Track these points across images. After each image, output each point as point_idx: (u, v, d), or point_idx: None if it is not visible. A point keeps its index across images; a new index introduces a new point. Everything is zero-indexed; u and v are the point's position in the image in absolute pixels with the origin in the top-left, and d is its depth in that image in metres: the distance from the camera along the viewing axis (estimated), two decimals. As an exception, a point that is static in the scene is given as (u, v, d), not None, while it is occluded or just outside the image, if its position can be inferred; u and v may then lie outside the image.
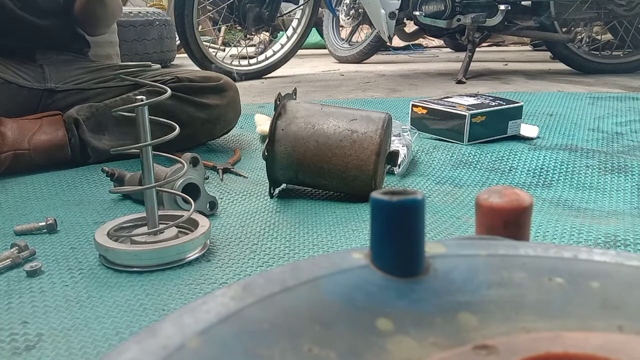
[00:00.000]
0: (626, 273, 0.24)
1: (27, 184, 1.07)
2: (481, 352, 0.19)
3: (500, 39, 4.38)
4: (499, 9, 2.36)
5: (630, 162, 1.11)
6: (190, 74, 1.27)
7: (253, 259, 0.74)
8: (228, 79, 1.30)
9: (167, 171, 0.88)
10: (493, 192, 0.30)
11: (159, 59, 2.91)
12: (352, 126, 0.92)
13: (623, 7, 2.40)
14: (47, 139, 1.14)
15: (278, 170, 0.95)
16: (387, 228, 0.22)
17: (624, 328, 0.21)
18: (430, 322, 0.21)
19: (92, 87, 1.26)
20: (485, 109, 1.32)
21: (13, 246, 0.73)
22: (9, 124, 1.13)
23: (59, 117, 1.19)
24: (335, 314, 0.20)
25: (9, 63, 1.21)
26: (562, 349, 0.20)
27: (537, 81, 2.40)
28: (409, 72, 2.88)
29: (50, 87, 1.24)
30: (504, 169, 1.13)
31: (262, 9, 2.51)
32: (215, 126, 1.28)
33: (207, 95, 1.24)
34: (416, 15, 2.47)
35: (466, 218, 0.87)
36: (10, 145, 1.11)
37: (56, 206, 0.95)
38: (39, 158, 1.13)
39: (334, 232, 0.82)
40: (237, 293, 0.21)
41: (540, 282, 0.23)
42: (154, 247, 0.71)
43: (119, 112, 0.72)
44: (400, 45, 4.07)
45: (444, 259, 0.24)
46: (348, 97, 2.10)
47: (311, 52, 4.18)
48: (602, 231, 0.77)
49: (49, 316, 0.60)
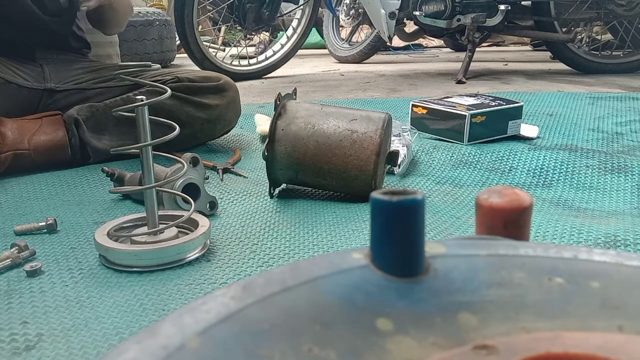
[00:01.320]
0: (626, 273, 0.24)
1: (27, 184, 1.07)
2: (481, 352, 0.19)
3: (500, 39, 4.38)
4: (499, 9, 2.36)
5: (630, 162, 1.11)
6: (190, 74, 1.27)
7: (253, 259, 0.74)
8: (228, 79, 1.30)
9: (167, 171, 0.88)
10: (493, 192, 0.30)
11: (159, 59, 2.91)
12: (352, 126, 0.92)
13: (623, 7, 2.40)
14: (47, 139, 1.14)
15: (278, 170, 0.95)
16: (387, 228, 0.22)
17: (624, 328, 0.21)
18: (430, 322, 0.21)
19: (92, 87, 1.26)
20: (485, 109, 1.32)
21: (13, 246, 0.73)
22: (9, 124, 1.13)
23: (59, 117, 1.19)
24: (335, 314, 0.20)
25: (9, 63, 1.21)
26: (562, 349, 0.20)
27: (537, 81, 2.40)
28: (409, 72, 2.88)
29: (50, 87, 1.24)
30: (504, 169, 1.13)
31: (262, 9, 2.51)
32: (215, 126, 1.28)
33: (207, 95, 1.24)
34: (416, 15, 2.47)
35: (466, 218, 0.87)
36: (10, 145, 1.11)
37: (56, 206, 0.95)
38: (39, 158, 1.13)
39: (334, 232, 0.82)
40: (237, 293, 0.21)
41: (540, 282, 0.23)
42: (154, 247, 0.71)
43: (119, 112, 0.72)
44: (400, 45, 4.08)
45: (444, 259, 0.24)
46: (348, 97, 2.10)
47: (311, 52, 4.18)
48: (602, 231, 0.77)
49: (49, 316, 0.60)
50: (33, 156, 1.13)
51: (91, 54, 1.42)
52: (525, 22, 2.63)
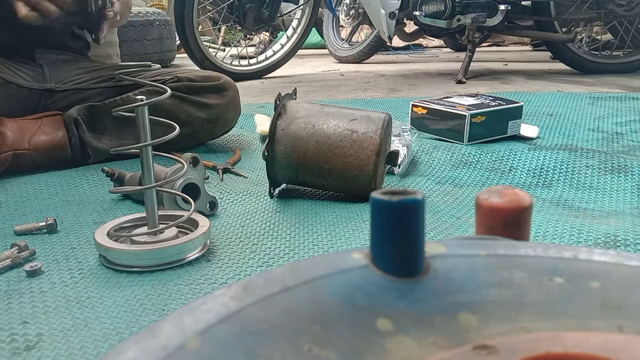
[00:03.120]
0: (626, 273, 0.24)
1: (27, 184, 1.07)
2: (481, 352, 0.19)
3: (500, 39, 4.38)
4: (499, 9, 2.36)
5: (630, 162, 1.11)
6: (190, 74, 1.27)
7: (253, 259, 0.74)
8: (228, 79, 1.30)
9: (167, 171, 0.88)
10: (493, 192, 0.30)
11: (159, 59, 2.91)
12: (352, 126, 0.92)
13: (623, 7, 2.40)
14: (47, 139, 1.14)
15: (278, 170, 0.95)
16: (387, 228, 0.22)
17: (624, 328, 0.21)
18: (430, 322, 0.21)
19: (92, 86, 1.26)
20: (485, 109, 1.32)
21: (13, 246, 0.73)
22: (9, 124, 1.13)
23: (58, 117, 1.19)
24: (335, 314, 0.20)
25: (9, 63, 1.21)
26: (562, 349, 0.20)
27: (537, 81, 2.40)
28: (409, 72, 2.88)
29: (50, 88, 1.24)
30: (504, 169, 1.13)
31: (262, 9, 2.51)
32: (215, 126, 1.28)
33: (207, 94, 1.24)
34: (416, 15, 2.47)
35: (466, 218, 0.87)
36: (10, 145, 1.11)
37: (56, 206, 0.95)
38: (39, 158, 1.13)
39: (334, 232, 0.82)
40: (237, 293, 0.21)
41: (540, 282, 0.23)
42: (154, 247, 0.71)
43: (119, 112, 0.72)
44: (400, 45, 4.07)
45: (444, 259, 0.24)
46: (348, 97, 2.10)
47: (311, 52, 4.18)
48: (602, 231, 0.77)
49: (49, 316, 0.60)
50: (33, 156, 1.13)
51: (91, 53, 1.42)
52: (525, 22, 2.63)
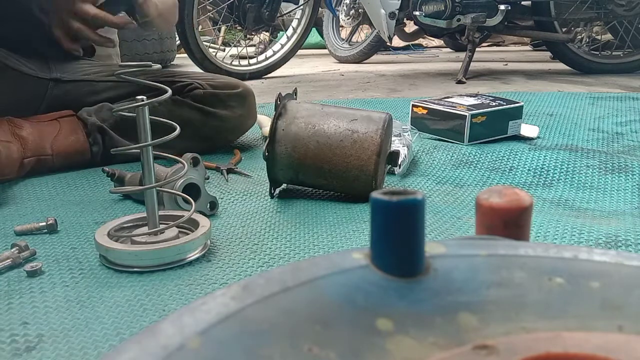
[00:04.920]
0: (626, 273, 0.24)
1: (27, 184, 1.07)
2: (481, 352, 0.20)
3: (500, 39, 4.38)
4: (499, 9, 2.36)
5: (630, 162, 1.11)
6: (210, 81, 1.26)
7: (253, 259, 0.74)
8: (245, 85, 1.30)
9: (167, 171, 0.88)
10: (493, 192, 0.30)
11: (159, 59, 2.91)
12: (352, 126, 0.92)
13: (623, 7, 2.40)
14: (69, 144, 1.14)
15: (278, 170, 0.95)
16: (387, 228, 0.22)
17: (624, 328, 0.21)
18: (430, 322, 0.21)
19: (102, 79, 1.26)
20: (485, 109, 1.32)
21: (13, 246, 0.73)
22: (26, 127, 1.11)
23: (74, 118, 1.18)
24: (335, 314, 0.20)
25: (13, 55, 1.21)
26: (562, 349, 0.20)
27: (537, 81, 2.40)
28: (409, 72, 2.88)
29: (57, 77, 1.23)
30: (504, 169, 1.13)
31: (262, 9, 2.51)
32: (235, 135, 1.31)
33: (231, 106, 1.25)
34: (416, 15, 2.47)
35: (467, 218, 0.87)
36: (33, 150, 1.09)
37: (56, 206, 0.95)
38: (59, 162, 1.13)
39: (335, 232, 0.82)
40: (237, 293, 0.21)
41: (540, 282, 0.23)
42: (154, 247, 0.71)
43: (119, 112, 0.72)
44: (400, 45, 4.07)
45: (444, 259, 0.24)
46: (348, 97, 2.10)
47: (311, 52, 4.18)
48: (602, 231, 0.77)
49: (50, 316, 0.60)
50: (55, 161, 1.13)
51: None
52: (525, 22, 2.63)
